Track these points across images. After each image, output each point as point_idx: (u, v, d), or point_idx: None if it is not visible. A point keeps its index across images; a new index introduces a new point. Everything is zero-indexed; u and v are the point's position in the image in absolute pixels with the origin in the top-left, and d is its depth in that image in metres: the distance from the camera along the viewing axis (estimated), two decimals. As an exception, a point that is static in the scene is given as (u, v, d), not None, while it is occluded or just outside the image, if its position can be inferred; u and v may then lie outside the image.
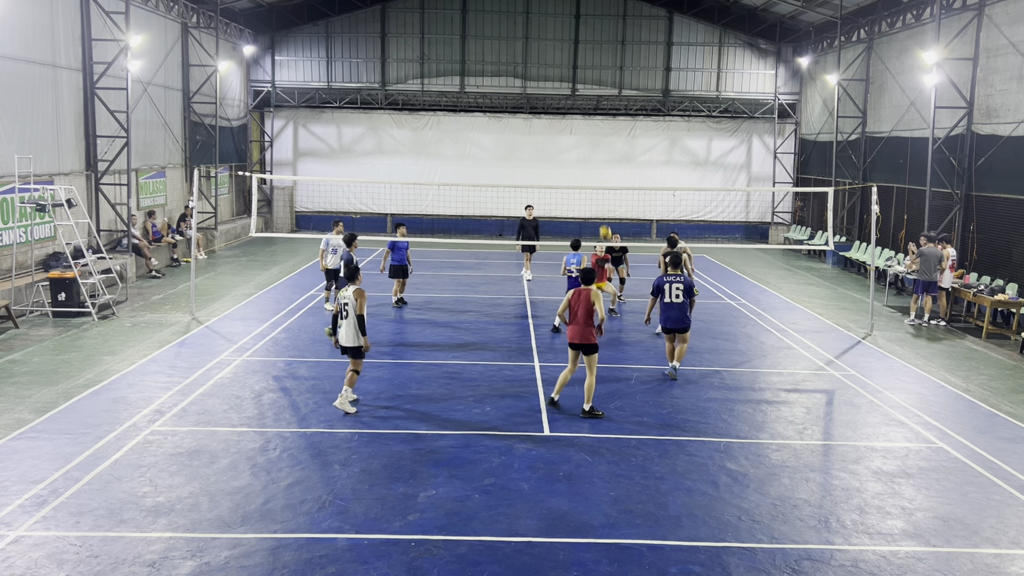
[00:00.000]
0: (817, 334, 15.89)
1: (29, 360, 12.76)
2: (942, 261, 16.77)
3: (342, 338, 10.46)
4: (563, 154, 31.97)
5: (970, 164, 19.33)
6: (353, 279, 10.58)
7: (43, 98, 17.68)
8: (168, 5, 23.66)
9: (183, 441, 9.53)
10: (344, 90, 31.54)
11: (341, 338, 10.47)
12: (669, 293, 12.37)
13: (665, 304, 12.42)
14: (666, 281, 12.44)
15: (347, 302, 10.36)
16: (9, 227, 16.41)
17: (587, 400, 10.72)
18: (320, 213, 32.10)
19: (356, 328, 10.36)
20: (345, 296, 10.40)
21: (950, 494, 8.63)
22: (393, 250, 17.10)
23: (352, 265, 10.83)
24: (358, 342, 10.44)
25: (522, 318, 16.76)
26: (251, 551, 7.07)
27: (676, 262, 12.62)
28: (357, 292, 10.36)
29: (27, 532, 7.29)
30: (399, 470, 8.84)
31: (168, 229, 23.27)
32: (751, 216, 32.68)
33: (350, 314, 10.33)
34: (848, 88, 26.24)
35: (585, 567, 6.95)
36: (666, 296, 12.38)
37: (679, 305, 12.37)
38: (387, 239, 17.49)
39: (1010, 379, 13.12)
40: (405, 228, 17.59)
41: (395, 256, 17.14)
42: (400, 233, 17.18)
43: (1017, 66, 17.55)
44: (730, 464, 9.26)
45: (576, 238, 16.50)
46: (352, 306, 10.32)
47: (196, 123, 25.96)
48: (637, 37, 31.34)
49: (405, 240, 17.14)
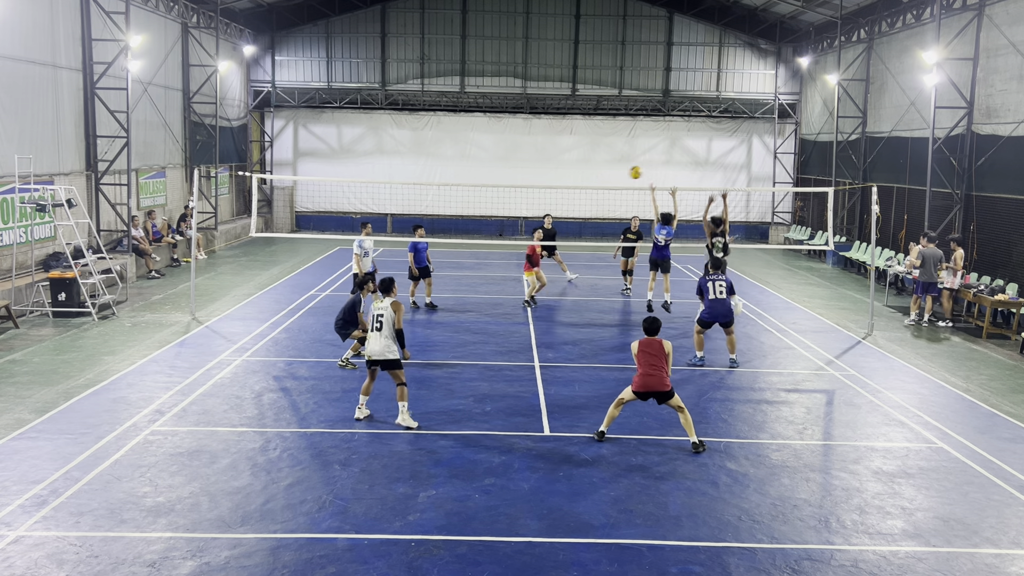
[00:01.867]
0: (817, 334, 15.89)
1: (29, 360, 12.77)
2: (941, 261, 16.75)
3: (372, 351, 10.06)
4: (563, 154, 31.96)
5: (970, 164, 19.33)
6: (388, 291, 10.23)
7: (43, 98, 17.68)
8: (168, 5, 23.66)
9: (183, 441, 9.53)
10: (344, 90, 31.54)
11: (371, 351, 10.07)
12: (713, 290, 13.26)
13: (710, 301, 13.28)
14: (708, 280, 13.37)
15: (382, 313, 10.03)
16: (9, 227, 16.41)
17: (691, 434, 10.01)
18: (320, 213, 32.11)
19: (393, 340, 10.05)
20: (381, 307, 10.07)
21: (950, 494, 8.63)
22: (415, 252, 16.97)
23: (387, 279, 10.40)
24: (393, 355, 10.11)
25: (522, 318, 16.75)
26: (251, 551, 7.07)
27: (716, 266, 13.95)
28: (395, 305, 10.09)
29: (27, 532, 7.28)
30: (399, 470, 8.83)
31: (168, 229, 23.27)
32: (751, 216, 32.67)
33: (384, 325, 10.00)
34: (848, 88, 26.24)
35: (585, 567, 6.94)
36: (710, 293, 13.28)
37: (723, 300, 13.24)
38: (387, 239, 17.48)
39: (1010, 379, 13.12)
40: (423, 229, 17.32)
41: (418, 258, 17.02)
42: (419, 234, 16.99)
43: (1017, 66, 17.55)
44: (730, 464, 9.26)
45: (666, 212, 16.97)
46: (389, 319, 10.03)
47: (196, 123, 25.96)
48: (637, 37, 31.34)
49: (424, 241, 17.04)
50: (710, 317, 13.35)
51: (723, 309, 13.26)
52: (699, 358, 13.47)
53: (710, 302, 13.29)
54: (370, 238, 16.21)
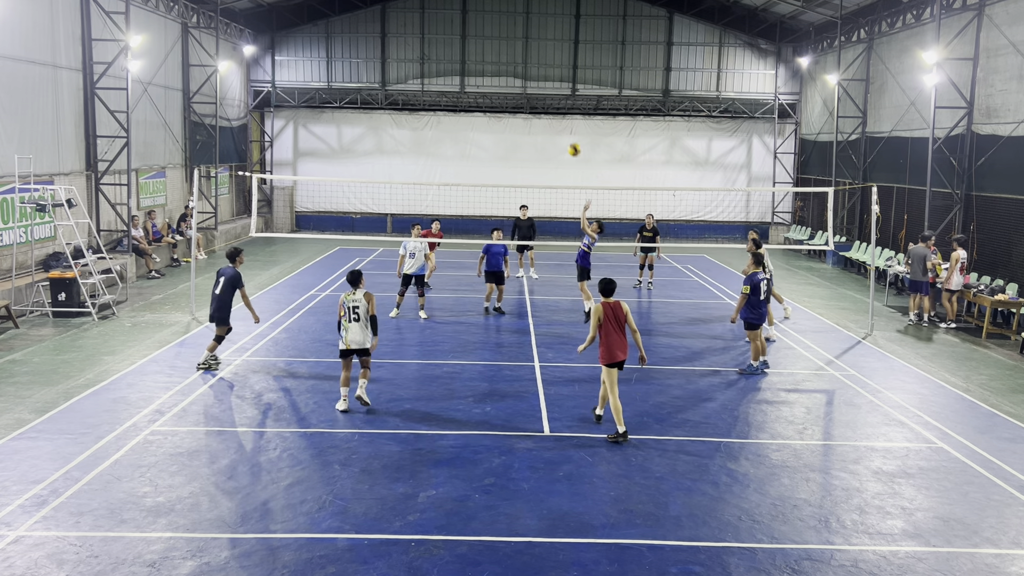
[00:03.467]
0: (817, 334, 15.89)
1: (29, 360, 12.77)
2: (927, 260, 16.68)
3: (352, 340, 10.51)
4: (563, 154, 31.54)
5: (970, 164, 19.33)
6: (356, 284, 10.70)
7: (43, 98, 17.68)
8: (168, 5, 23.66)
9: (183, 441, 9.53)
10: (344, 90, 31.54)
11: (351, 340, 10.51)
12: (764, 290, 12.67)
13: (759, 301, 12.66)
14: (761, 279, 12.71)
15: (357, 304, 10.54)
16: (9, 227, 16.41)
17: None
18: (320, 213, 32.12)
19: (367, 328, 10.58)
20: (354, 299, 10.57)
21: (950, 494, 8.63)
22: (488, 254, 16.66)
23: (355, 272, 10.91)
24: (368, 343, 10.62)
25: (522, 318, 16.75)
26: (251, 551, 7.07)
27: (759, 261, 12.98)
28: (367, 295, 10.65)
29: (27, 532, 7.28)
30: (399, 470, 8.83)
31: (168, 229, 23.27)
32: (751, 216, 32.66)
33: (361, 316, 10.52)
34: (848, 88, 26.24)
35: (585, 567, 6.94)
36: (760, 294, 12.62)
37: (764, 301, 12.74)
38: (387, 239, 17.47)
39: (1010, 379, 13.12)
40: (500, 232, 17.04)
41: (490, 261, 16.68)
42: (496, 237, 16.77)
43: (1017, 66, 17.55)
44: (730, 464, 9.26)
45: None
46: (364, 308, 10.55)
47: (196, 123, 25.96)
48: (637, 37, 31.34)
49: (501, 244, 16.65)
50: (759, 320, 12.69)
51: (765, 310, 12.71)
52: (765, 363, 12.92)
53: (759, 302, 12.64)
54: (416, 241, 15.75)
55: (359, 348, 10.57)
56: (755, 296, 12.60)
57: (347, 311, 10.55)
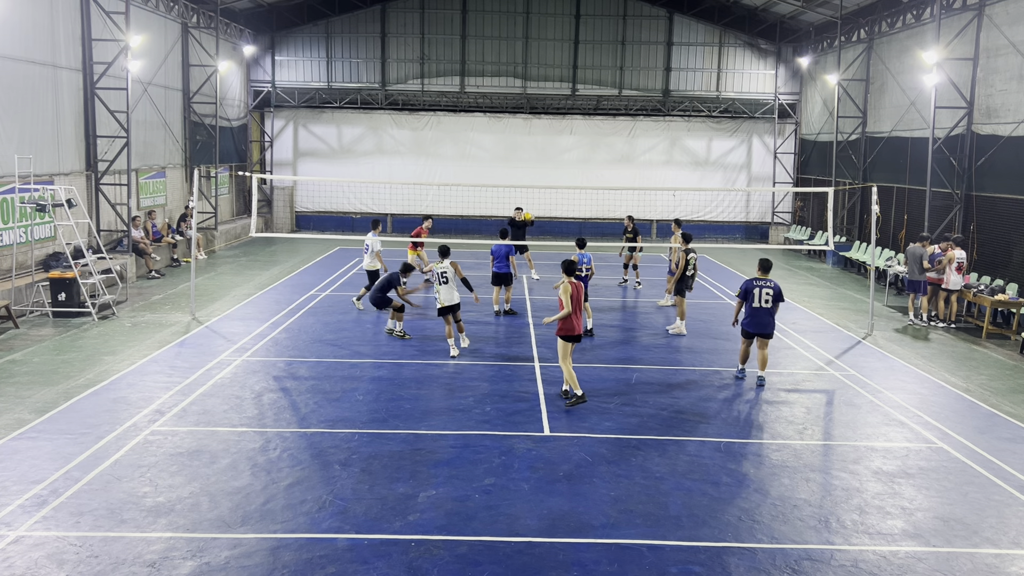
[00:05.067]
0: (817, 334, 15.89)
1: (29, 360, 12.76)
2: (923, 260, 16.68)
3: (445, 299, 13.32)
4: (563, 154, 31.97)
5: (970, 164, 19.33)
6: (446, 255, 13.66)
7: (43, 98, 17.68)
8: (168, 5, 23.66)
9: (183, 441, 9.53)
10: (344, 90, 31.54)
11: (444, 299, 13.32)
12: (759, 297, 12.08)
13: (753, 308, 12.12)
14: (756, 285, 12.17)
15: (446, 271, 13.41)
16: (9, 227, 16.41)
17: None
18: (320, 213, 32.11)
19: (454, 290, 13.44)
20: (443, 266, 13.42)
21: (950, 494, 8.63)
22: (495, 257, 16.83)
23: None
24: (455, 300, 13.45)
25: (522, 318, 16.75)
26: (251, 551, 7.07)
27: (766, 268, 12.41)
28: (453, 263, 13.65)
29: (27, 532, 7.28)
30: (399, 470, 8.83)
31: (168, 229, 23.27)
32: (751, 216, 32.67)
33: (449, 279, 13.38)
34: (848, 88, 26.24)
35: (585, 567, 6.94)
36: (755, 300, 12.09)
37: (767, 310, 12.09)
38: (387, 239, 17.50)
39: (1010, 379, 13.12)
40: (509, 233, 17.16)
41: (497, 264, 16.81)
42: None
43: (1017, 66, 17.55)
44: (730, 464, 9.26)
45: (581, 237, 16.70)
46: (452, 273, 13.46)
47: (196, 123, 25.96)
48: (637, 37, 31.34)
49: (506, 244, 16.83)
50: (752, 328, 12.15)
51: (766, 319, 12.04)
52: (740, 370, 12.61)
53: (753, 310, 12.09)
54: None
55: (451, 305, 13.35)
56: (749, 303, 12.19)
57: (436, 276, 13.36)
